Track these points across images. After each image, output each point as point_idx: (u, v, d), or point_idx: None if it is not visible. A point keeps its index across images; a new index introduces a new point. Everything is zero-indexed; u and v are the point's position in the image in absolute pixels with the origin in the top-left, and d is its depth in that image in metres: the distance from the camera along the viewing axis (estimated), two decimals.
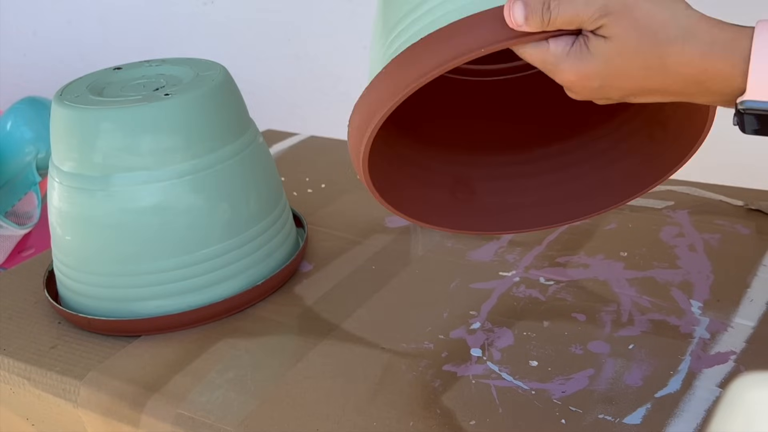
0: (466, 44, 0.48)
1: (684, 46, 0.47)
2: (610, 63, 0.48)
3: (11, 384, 0.72)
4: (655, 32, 0.47)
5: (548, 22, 0.48)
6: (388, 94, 0.51)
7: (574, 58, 0.49)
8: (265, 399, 0.64)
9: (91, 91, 0.75)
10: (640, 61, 0.48)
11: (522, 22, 0.48)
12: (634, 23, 0.47)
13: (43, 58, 2.02)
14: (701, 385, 0.61)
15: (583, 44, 0.48)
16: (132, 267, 0.73)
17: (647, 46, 0.47)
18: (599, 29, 0.48)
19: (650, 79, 0.48)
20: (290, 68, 1.71)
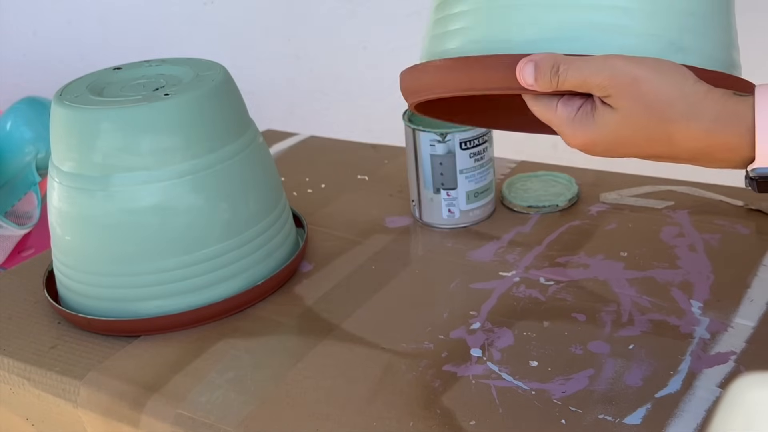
0: (481, 80, 0.51)
1: (689, 123, 0.48)
2: (615, 133, 0.49)
3: (11, 384, 0.72)
4: (662, 109, 0.48)
5: (557, 85, 0.49)
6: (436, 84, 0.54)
7: (579, 124, 0.50)
8: (265, 399, 0.64)
9: (91, 91, 0.75)
10: (646, 133, 0.49)
11: (532, 82, 0.49)
12: (642, 98, 0.48)
13: (43, 58, 2.02)
14: (701, 386, 0.61)
15: (590, 112, 0.50)
16: (132, 267, 0.73)
17: (654, 122, 0.48)
18: (607, 98, 0.49)
19: (657, 149, 0.50)
20: (290, 68, 1.71)
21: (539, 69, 0.48)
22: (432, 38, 0.57)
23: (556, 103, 0.51)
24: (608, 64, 0.48)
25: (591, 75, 0.48)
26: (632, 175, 0.93)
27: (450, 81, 0.53)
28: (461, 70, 0.52)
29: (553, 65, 0.48)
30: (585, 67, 0.48)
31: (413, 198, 0.89)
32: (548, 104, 0.51)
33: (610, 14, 0.50)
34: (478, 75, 0.51)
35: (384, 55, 1.59)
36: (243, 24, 1.73)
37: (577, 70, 0.48)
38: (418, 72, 0.56)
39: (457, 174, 0.85)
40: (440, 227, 0.87)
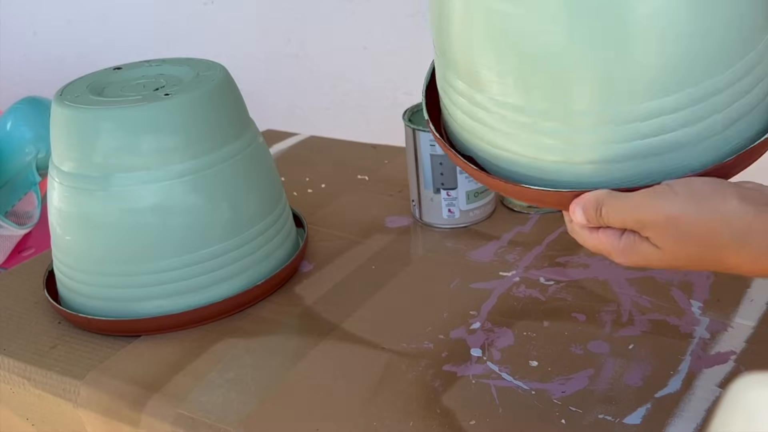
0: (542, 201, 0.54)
1: (740, 251, 0.47)
2: (662, 263, 0.49)
3: (11, 384, 0.72)
4: (708, 241, 0.47)
5: (605, 223, 0.50)
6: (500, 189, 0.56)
7: (625, 253, 0.50)
8: (265, 399, 0.64)
9: (91, 91, 0.75)
10: (697, 261, 0.48)
11: (585, 223, 0.51)
12: (680, 236, 0.47)
13: (43, 58, 2.02)
14: (701, 385, 0.61)
15: (633, 243, 0.50)
16: (132, 267, 0.73)
17: (701, 253, 0.48)
18: (650, 238, 0.48)
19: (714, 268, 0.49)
20: (290, 68, 1.71)
21: (587, 211, 0.50)
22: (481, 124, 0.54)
23: (598, 233, 0.51)
24: (640, 206, 0.48)
25: (627, 216, 0.48)
26: None
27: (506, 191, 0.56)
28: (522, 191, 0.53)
29: (596, 208, 0.50)
30: (621, 209, 0.49)
31: (413, 198, 0.89)
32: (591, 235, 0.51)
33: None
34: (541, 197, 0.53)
35: (384, 55, 1.59)
36: (243, 24, 1.73)
37: (616, 212, 0.49)
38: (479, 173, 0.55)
39: (457, 174, 0.85)
40: (440, 227, 0.87)
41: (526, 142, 0.52)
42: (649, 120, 0.48)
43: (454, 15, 0.51)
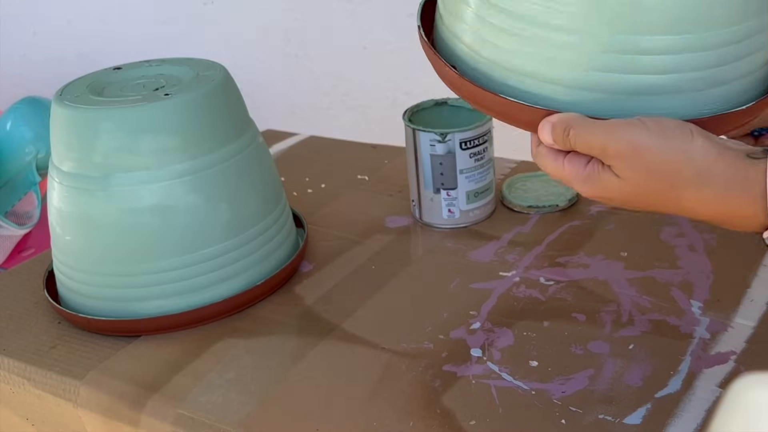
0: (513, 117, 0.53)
1: (700, 191, 0.47)
2: (624, 196, 0.49)
3: (11, 384, 0.72)
4: (670, 177, 0.47)
5: (570, 146, 0.50)
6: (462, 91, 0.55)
7: (587, 182, 0.50)
8: (265, 399, 0.64)
9: (91, 91, 0.75)
10: (656, 197, 0.49)
11: (551, 142, 0.50)
12: (646, 168, 0.47)
13: (43, 58, 2.02)
14: (701, 386, 0.61)
15: (596, 172, 0.50)
16: (132, 267, 0.73)
17: (661, 189, 0.48)
18: (612, 167, 0.49)
19: (667, 209, 0.50)
20: (290, 68, 1.71)
21: (555, 130, 0.50)
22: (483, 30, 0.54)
23: (563, 159, 0.51)
24: (609, 130, 0.48)
25: (593, 142, 0.48)
26: None
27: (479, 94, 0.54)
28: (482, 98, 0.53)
29: (565, 128, 0.49)
30: (588, 134, 0.49)
31: (413, 198, 0.89)
32: (556, 160, 0.51)
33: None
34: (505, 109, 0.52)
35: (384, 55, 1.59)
36: (243, 24, 1.73)
37: (583, 136, 0.49)
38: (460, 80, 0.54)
39: (457, 174, 0.85)
40: (440, 227, 0.87)
41: (505, 48, 0.52)
42: (631, 55, 0.49)
43: None
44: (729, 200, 0.47)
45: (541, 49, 0.50)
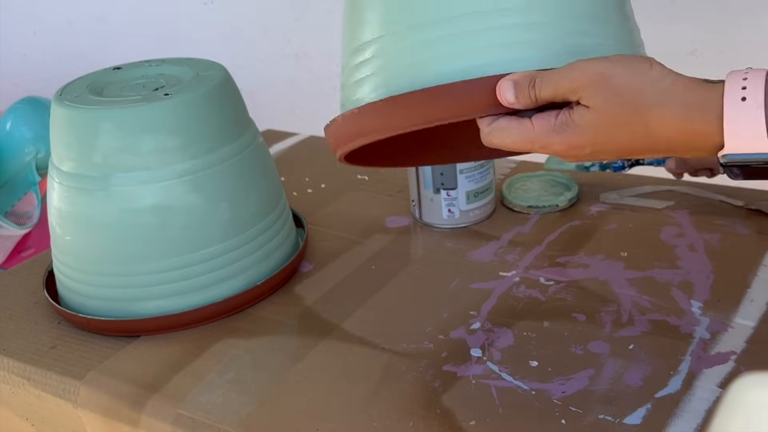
0: (462, 107, 0.51)
1: (662, 110, 0.49)
2: (596, 131, 0.50)
3: (11, 384, 0.72)
4: (634, 99, 0.49)
5: (535, 99, 0.50)
6: (381, 125, 0.53)
7: (560, 131, 0.50)
8: (265, 399, 0.64)
9: (90, 91, 0.75)
10: (624, 127, 0.50)
11: (513, 100, 0.50)
12: (613, 91, 0.49)
13: (43, 58, 2.02)
14: (701, 386, 0.61)
15: (569, 116, 0.50)
16: (132, 267, 0.73)
17: (629, 113, 0.49)
18: (581, 99, 0.49)
19: (637, 142, 0.50)
20: (290, 68, 1.71)
21: (518, 86, 0.50)
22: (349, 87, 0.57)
23: (530, 120, 0.51)
24: (574, 67, 0.49)
25: (560, 81, 0.49)
26: (632, 175, 0.93)
27: (400, 117, 0.52)
28: (414, 105, 0.51)
29: (530, 81, 0.50)
30: (554, 76, 0.50)
31: (413, 198, 0.89)
32: (521, 123, 0.51)
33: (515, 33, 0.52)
34: (433, 106, 0.51)
35: None
36: (243, 24, 1.73)
37: (549, 79, 0.50)
38: (358, 116, 0.54)
39: (457, 174, 0.85)
40: (440, 227, 0.87)
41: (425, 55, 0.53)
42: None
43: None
44: (688, 120, 0.48)
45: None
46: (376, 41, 0.55)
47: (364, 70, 0.56)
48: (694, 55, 1.27)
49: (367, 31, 0.56)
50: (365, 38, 0.56)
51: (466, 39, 0.52)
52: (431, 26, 0.53)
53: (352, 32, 0.57)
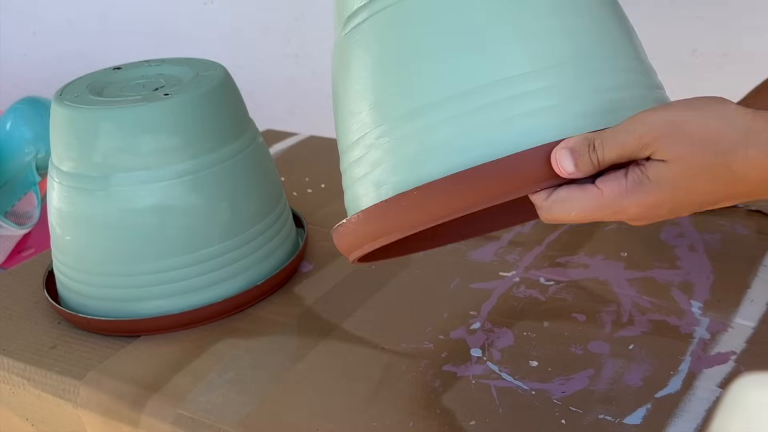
0: (512, 185, 0.46)
1: (748, 150, 0.44)
2: (676, 185, 0.45)
3: (11, 384, 0.72)
4: (715, 143, 0.45)
5: (598, 163, 0.46)
6: (416, 217, 0.48)
7: (635, 192, 0.46)
8: (265, 399, 0.64)
9: (90, 91, 0.75)
10: (707, 174, 0.45)
11: (573, 169, 0.46)
12: (690, 139, 0.45)
13: (43, 58, 2.02)
14: (701, 386, 0.61)
15: (641, 173, 0.46)
16: (132, 267, 0.73)
17: (711, 158, 0.45)
18: (653, 154, 0.45)
19: (720, 191, 0.46)
20: (290, 68, 1.71)
21: (576, 152, 0.45)
22: (358, 181, 0.53)
23: (596, 186, 0.46)
24: (640, 121, 0.45)
25: (626, 139, 0.45)
26: None
27: (438, 205, 0.47)
28: (454, 189, 0.47)
29: (588, 144, 0.45)
30: (618, 135, 0.45)
31: None
32: (585, 192, 0.46)
33: (541, 98, 0.48)
34: (478, 188, 0.46)
35: None
36: (243, 24, 1.73)
37: (612, 139, 0.45)
38: (386, 210, 0.49)
39: None
40: None
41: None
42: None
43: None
44: None
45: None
46: (384, 127, 0.51)
47: (372, 160, 0.51)
48: (695, 55, 1.28)
49: (370, 119, 0.51)
50: (368, 126, 0.51)
51: (489, 112, 0.48)
52: (453, 102, 0.49)
53: (355, 119, 0.53)
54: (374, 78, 0.52)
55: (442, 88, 0.49)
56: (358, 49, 0.53)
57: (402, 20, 0.51)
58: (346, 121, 0.54)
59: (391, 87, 0.51)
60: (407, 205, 0.48)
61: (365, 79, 0.52)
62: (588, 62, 0.49)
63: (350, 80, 0.53)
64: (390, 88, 0.51)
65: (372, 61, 0.52)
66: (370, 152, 0.51)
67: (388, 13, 0.51)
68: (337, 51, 0.56)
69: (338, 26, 0.56)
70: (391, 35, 0.51)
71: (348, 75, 0.54)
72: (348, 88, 0.54)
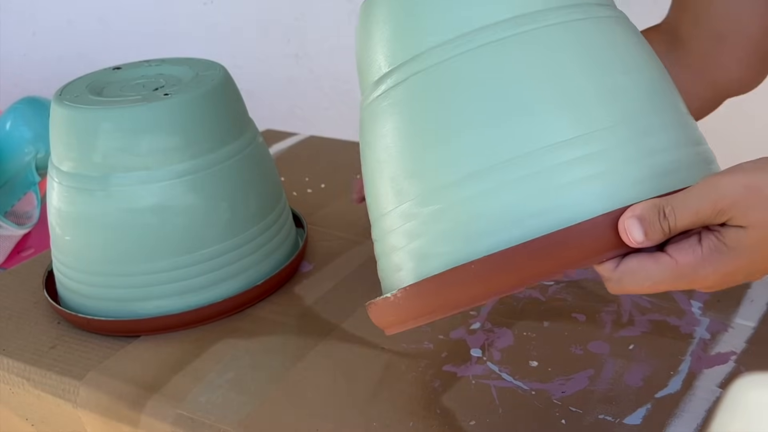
0: (578, 256, 0.45)
1: None
2: (755, 250, 0.44)
3: (11, 384, 0.72)
4: None
5: (669, 231, 0.44)
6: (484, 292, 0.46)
7: (712, 261, 0.44)
8: (265, 399, 0.64)
9: (90, 91, 0.75)
10: None
11: (642, 239, 0.44)
12: (766, 203, 0.43)
13: (43, 58, 2.02)
14: (701, 386, 0.61)
15: (718, 240, 0.44)
16: (131, 267, 0.73)
17: None
18: (730, 220, 0.43)
19: None
20: (290, 68, 1.71)
21: (646, 221, 0.43)
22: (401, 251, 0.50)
23: (668, 255, 0.44)
24: (713, 186, 0.43)
25: (700, 205, 0.43)
26: None
27: (498, 279, 0.45)
28: (518, 261, 0.44)
29: (658, 211, 0.43)
30: (690, 201, 0.43)
31: None
32: (659, 261, 0.44)
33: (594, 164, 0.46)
34: (542, 260, 0.44)
35: None
36: (243, 24, 1.73)
37: (684, 205, 0.43)
38: (438, 285, 0.47)
39: None
40: None
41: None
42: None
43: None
44: None
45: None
46: (427, 195, 0.48)
47: (413, 230, 0.49)
48: None
49: (410, 186, 0.49)
50: (407, 194, 0.49)
51: (541, 180, 0.46)
52: (500, 170, 0.47)
53: (391, 186, 0.50)
54: (412, 144, 0.49)
55: (488, 156, 0.47)
56: (392, 113, 0.51)
57: (441, 85, 0.49)
58: (381, 188, 0.51)
59: (433, 154, 0.48)
60: (464, 280, 0.46)
61: (402, 145, 0.50)
62: (638, 122, 0.47)
63: (384, 145, 0.51)
64: (432, 156, 0.48)
65: (409, 127, 0.50)
66: (411, 221, 0.49)
67: (423, 77, 0.49)
68: (366, 114, 0.53)
69: (365, 88, 0.54)
70: (431, 100, 0.49)
71: (381, 140, 0.51)
72: (382, 153, 0.51)
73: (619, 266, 0.45)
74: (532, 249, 0.44)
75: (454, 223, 0.47)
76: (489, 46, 0.48)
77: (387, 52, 0.51)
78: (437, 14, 0.50)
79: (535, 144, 0.46)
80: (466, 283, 0.45)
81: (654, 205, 0.44)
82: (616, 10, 0.53)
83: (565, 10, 0.49)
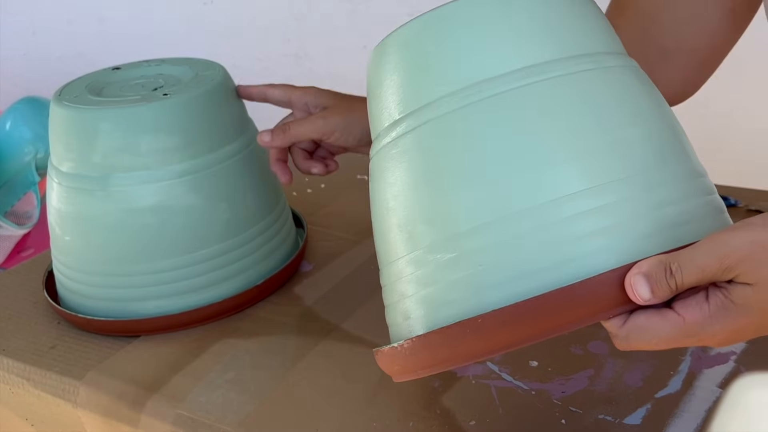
0: (584, 313, 0.44)
1: None
2: (764, 308, 0.43)
3: (11, 384, 0.72)
4: None
5: (676, 288, 0.43)
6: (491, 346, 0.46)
7: (719, 318, 0.43)
8: (265, 399, 0.64)
9: (90, 91, 0.75)
10: None
11: (649, 296, 0.43)
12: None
13: (43, 58, 2.02)
14: (701, 386, 0.61)
15: (725, 298, 0.43)
16: (131, 267, 0.73)
17: None
18: (737, 277, 0.43)
19: None
20: (290, 68, 1.71)
21: (652, 278, 0.43)
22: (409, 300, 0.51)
23: (675, 312, 0.44)
24: (721, 243, 0.43)
25: (707, 262, 0.43)
26: None
27: (507, 336, 0.45)
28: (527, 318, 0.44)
29: (665, 268, 0.43)
30: (697, 258, 0.43)
31: None
32: (666, 318, 0.44)
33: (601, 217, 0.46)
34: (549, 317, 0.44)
35: None
36: (243, 24, 1.73)
37: (691, 262, 0.43)
38: (445, 337, 0.47)
39: None
40: None
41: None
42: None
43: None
44: None
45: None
46: (437, 245, 0.48)
47: (423, 278, 0.49)
48: None
49: (421, 235, 0.49)
50: (418, 242, 0.49)
51: (549, 232, 0.46)
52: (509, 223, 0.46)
53: (401, 234, 0.50)
54: (423, 192, 0.50)
55: (500, 207, 0.47)
56: (403, 161, 0.51)
57: (453, 134, 0.49)
58: (390, 235, 0.52)
59: (445, 203, 0.49)
60: (472, 333, 0.46)
61: (412, 192, 0.50)
62: (648, 174, 0.47)
63: (393, 193, 0.51)
64: (443, 205, 0.49)
65: (420, 175, 0.50)
66: (421, 269, 0.49)
67: (434, 126, 0.49)
68: (375, 160, 0.54)
69: (376, 134, 0.54)
70: (442, 149, 0.49)
71: (391, 187, 0.51)
72: (391, 200, 0.52)
73: (626, 323, 0.45)
74: (539, 306, 0.44)
75: (465, 274, 0.47)
76: (500, 96, 0.48)
77: (397, 100, 0.51)
78: (448, 63, 0.50)
79: (545, 196, 0.46)
80: (473, 337, 0.46)
81: (660, 261, 0.43)
82: (627, 59, 0.52)
83: (575, 61, 0.49)
